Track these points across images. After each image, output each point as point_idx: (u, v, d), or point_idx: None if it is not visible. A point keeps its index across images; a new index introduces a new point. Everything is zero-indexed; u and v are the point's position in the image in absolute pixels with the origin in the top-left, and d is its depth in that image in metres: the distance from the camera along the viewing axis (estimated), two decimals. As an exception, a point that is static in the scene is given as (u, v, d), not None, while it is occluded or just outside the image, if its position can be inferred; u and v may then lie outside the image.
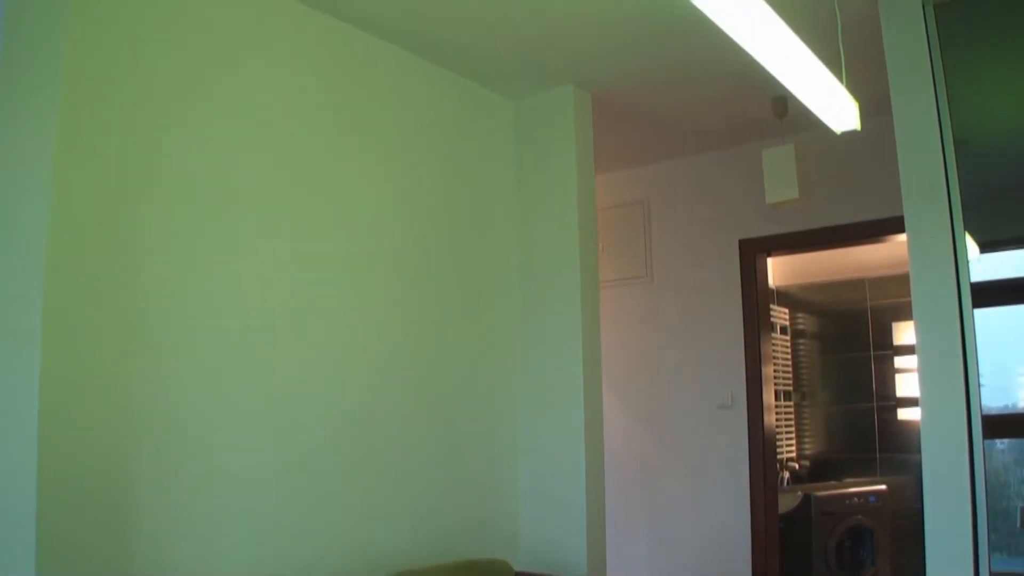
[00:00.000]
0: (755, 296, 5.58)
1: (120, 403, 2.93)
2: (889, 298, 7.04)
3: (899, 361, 6.94)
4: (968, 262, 3.26)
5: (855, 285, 7.24)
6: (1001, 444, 3.59)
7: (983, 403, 3.18)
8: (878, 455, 6.94)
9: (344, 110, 3.88)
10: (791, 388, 7.27)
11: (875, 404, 7.01)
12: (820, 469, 7.18)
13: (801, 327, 7.50)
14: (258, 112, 3.52)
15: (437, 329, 4.19)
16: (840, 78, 2.95)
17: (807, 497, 6.17)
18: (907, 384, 6.85)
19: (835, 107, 2.91)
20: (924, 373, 3.30)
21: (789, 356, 7.28)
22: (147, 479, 2.97)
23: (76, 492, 2.76)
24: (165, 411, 3.04)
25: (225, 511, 3.19)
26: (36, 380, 2.35)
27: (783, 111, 4.82)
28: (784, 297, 7.46)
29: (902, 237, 3.54)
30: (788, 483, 6.74)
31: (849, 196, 5.19)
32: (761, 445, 5.41)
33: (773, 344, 6.51)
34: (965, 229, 3.29)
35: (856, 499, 6.30)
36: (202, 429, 3.15)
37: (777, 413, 6.55)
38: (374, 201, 3.96)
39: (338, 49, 3.90)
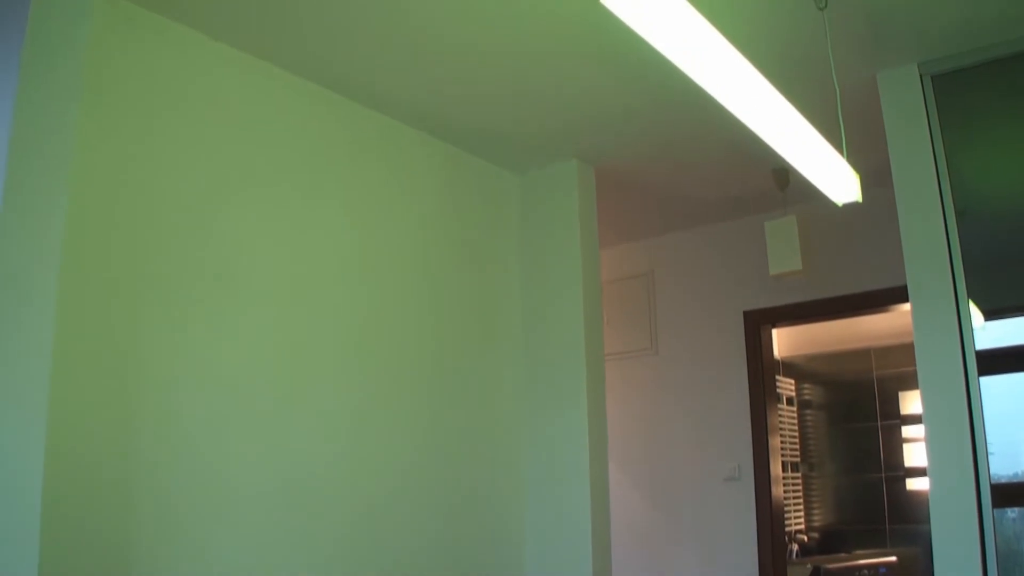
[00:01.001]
0: (760, 367, 5.58)
1: (119, 489, 2.93)
2: (895, 367, 7.02)
3: (907, 431, 6.90)
4: (973, 330, 3.27)
5: (861, 355, 7.23)
6: (1012, 513, 3.56)
7: (992, 471, 3.16)
8: (888, 526, 6.86)
9: (353, 186, 3.93)
10: (799, 459, 7.22)
11: (883, 474, 6.96)
12: (829, 541, 7.10)
13: (807, 397, 7.47)
14: (267, 191, 3.56)
15: (441, 403, 4.18)
16: (840, 150, 2.98)
17: (817, 570, 6.10)
18: (915, 454, 6.80)
19: (836, 179, 2.94)
20: (932, 442, 3.29)
21: (796, 427, 7.24)
22: (149, 547, 2.95)
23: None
24: (168, 476, 3.04)
25: None
26: (40, 468, 2.34)
27: (785, 182, 4.87)
28: (790, 368, 7.45)
29: (907, 306, 3.54)
30: (797, 556, 6.66)
31: (853, 265, 5.21)
32: (769, 517, 5.36)
33: (780, 415, 6.48)
34: (969, 297, 3.30)
35: (866, 571, 6.23)
36: (205, 495, 3.14)
37: (785, 485, 6.51)
38: (382, 275, 3.99)
39: (349, 127, 3.96)
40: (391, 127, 4.16)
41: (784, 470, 6.40)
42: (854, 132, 3.75)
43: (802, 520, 7.13)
